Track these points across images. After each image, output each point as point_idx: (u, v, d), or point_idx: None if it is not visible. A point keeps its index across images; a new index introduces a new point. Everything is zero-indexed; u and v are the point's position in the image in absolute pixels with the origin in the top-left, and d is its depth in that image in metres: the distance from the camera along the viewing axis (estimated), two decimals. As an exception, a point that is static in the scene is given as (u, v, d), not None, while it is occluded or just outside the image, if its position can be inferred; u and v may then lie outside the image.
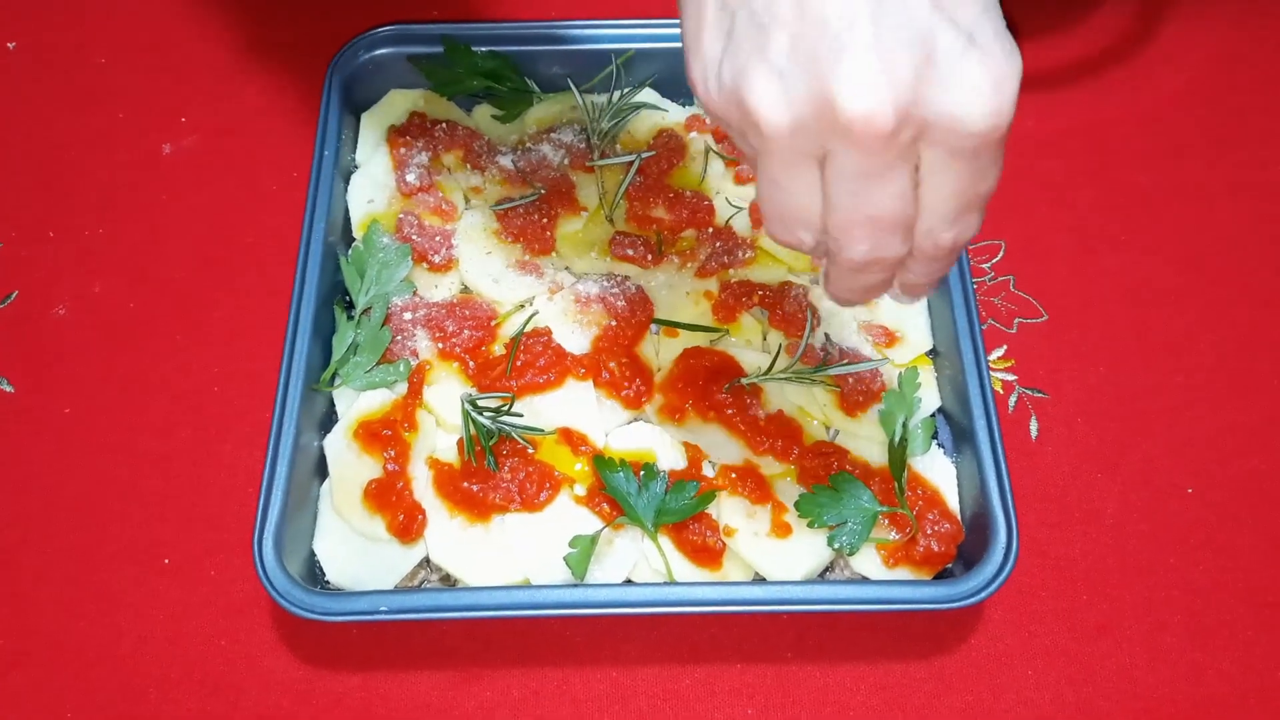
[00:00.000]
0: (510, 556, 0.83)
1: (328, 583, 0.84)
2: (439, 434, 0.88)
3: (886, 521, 0.83)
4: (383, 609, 0.78)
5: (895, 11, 0.49)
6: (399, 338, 0.91)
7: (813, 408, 0.89)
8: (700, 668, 0.84)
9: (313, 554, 0.85)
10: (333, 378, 0.90)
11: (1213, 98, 1.11)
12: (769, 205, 0.58)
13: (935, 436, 0.89)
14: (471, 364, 0.90)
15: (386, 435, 0.86)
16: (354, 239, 0.98)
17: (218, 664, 0.85)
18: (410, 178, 0.98)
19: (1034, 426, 0.94)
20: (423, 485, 0.85)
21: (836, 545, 0.82)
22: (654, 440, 0.87)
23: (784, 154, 0.54)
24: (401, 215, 0.96)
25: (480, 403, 0.86)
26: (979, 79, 0.50)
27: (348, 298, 0.94)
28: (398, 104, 1.04)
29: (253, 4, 1.17)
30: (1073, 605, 0.87)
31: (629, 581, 0.83)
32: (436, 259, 0.95)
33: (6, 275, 1.02)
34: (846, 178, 0.54)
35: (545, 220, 0.96)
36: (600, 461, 0.84)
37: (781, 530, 0.83)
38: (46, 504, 0.91)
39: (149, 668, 0.85)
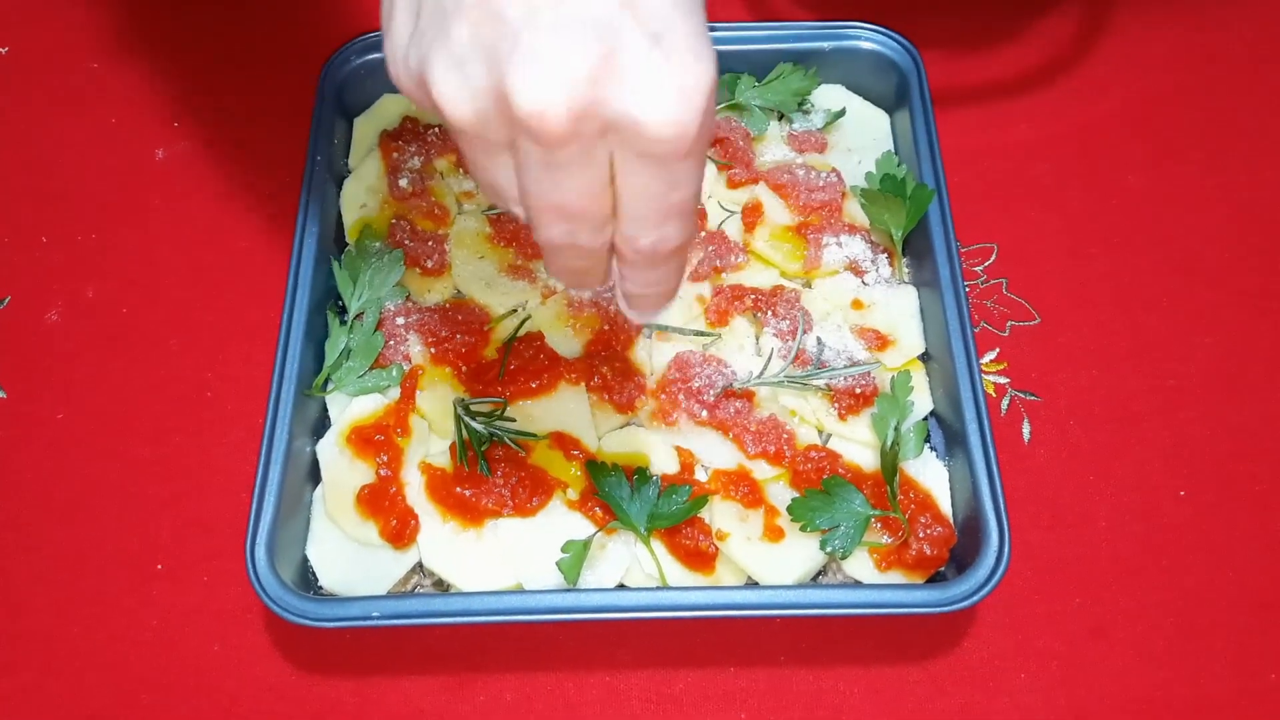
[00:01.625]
0: (503, 561, 0.83)
1: (321, 588, 0.84)
2: (432, 439, 0.88)
3: (879, 525, 0.83)
4: (375, 615, 0.78)
5: (576, 6, 0.47)
6: (392, 343, 0.91)
7: (805, 412, 0.89)
8: (693, 672, 0.84)
9: (306, 559, 0.85)
10: (325, 383, 0.90)
11: (1201, 101, 1.11)
12: (473, 176, 0.57)
13: (928, 440, 0.89)
14: (464, 369, 0.90)
15: (379, 440, 0.86)
16: (347, 244, 0.98)
17: (210, 669, 0.85)
18: (403, 183, 0.98)
19: (1026, 429, 0.94)
20: (415, 490, 0.85)
21: (829, 549, 0.82)
22: (647, 444, 0.87)
23: (473, 140, 0.53)
24: (394, 220, 0.96)
25: (473, 407, 0.86)
26: (660, 82, 0.48)
27: (340, 303, 0.94)
28: (390, 109, 1.04)
29: (245, 10, 1.17)
30: (1065, 608, 0.87)
31: (622, 586, 0.83)
32: (429, 264, 0.95)
33: (-1, 280, 1.02)
34: (532, 166, 0.52)
35: (538, 225, 0.96)
36: (593, 466, 0.84)
37: (774, 534, 0.83)
38: (39, 509, 0.91)
39: (142, 673, 0.85)
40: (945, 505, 0.86)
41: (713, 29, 1.04)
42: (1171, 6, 1.16)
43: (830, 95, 1.05)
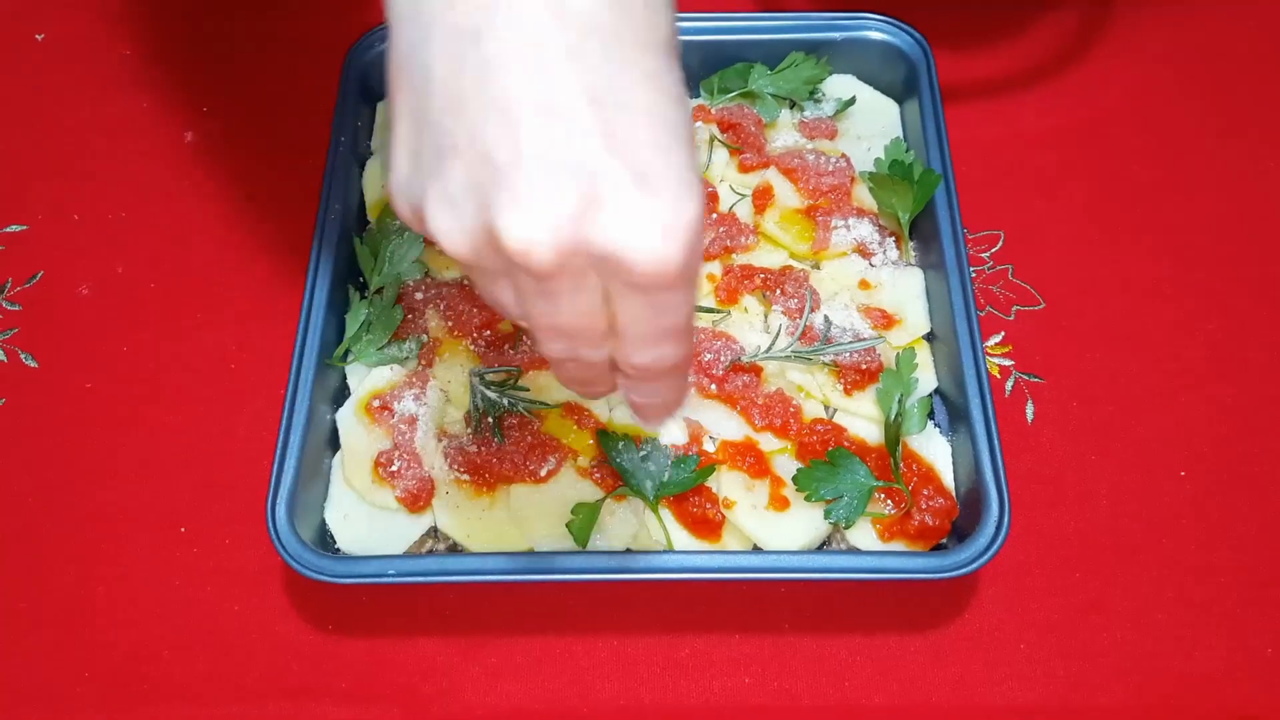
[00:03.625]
0: (515, 526, 0.85)
1: (338, 550, 0.86)
2: (448, 408, 0.91)
3: (882, 496, 0.85)
4: (390, 572, 0.80)
5: (562, 147, 0.49)
6: (410, 316, 0.94)
7: (811, 387, 0.91)
8: (699, 637, 0.86)
9: (324, 523, 0.87)
10: (345, 354, 0.93)
11: (1205, 92, 1.13)
12: (479, 292, 0.59)
13: (931, 417, 0.91)
14: (480, 341, 0.93)
15: (396, 409, 0.89)
16: (368, 222, 1.00)
17: (230, 628, 0.87)
18: (423, 163, 1.01)
19: (1030, 410, 0.96)
20: (431, 457, 0.88)
21: (833, 518, 0.84)
22: (656, 416, 0.89)
23: (473, 271, 0.55)
24: (414, 199, 0.99)
25: (488, 376, 0.89)
26: (645, 220, 0.49)
27: (361, 278, 0.97)
28: (412, 93, 1.07)
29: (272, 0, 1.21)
30: (1066, 582, 0.88)
31: (629, 551, 0.85)
32: (448, 241, 0.97)
33: (32, 256, 1.05)
34: (528, 294, 0.54)
35: (554, 205, 0.99)
36: (603, 435, 0.86)
37: (779, 503, 0.85)
38: (67, 474, 0.94)
39: (163, 631, 0.87)
40: (948, 478, 0.87)
41: (727, 18, 1.07)
42: (1178, 1, 1.18)
43: (841, 84, 1.08)
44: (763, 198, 1.00)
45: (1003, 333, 1.00)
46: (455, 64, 0.50)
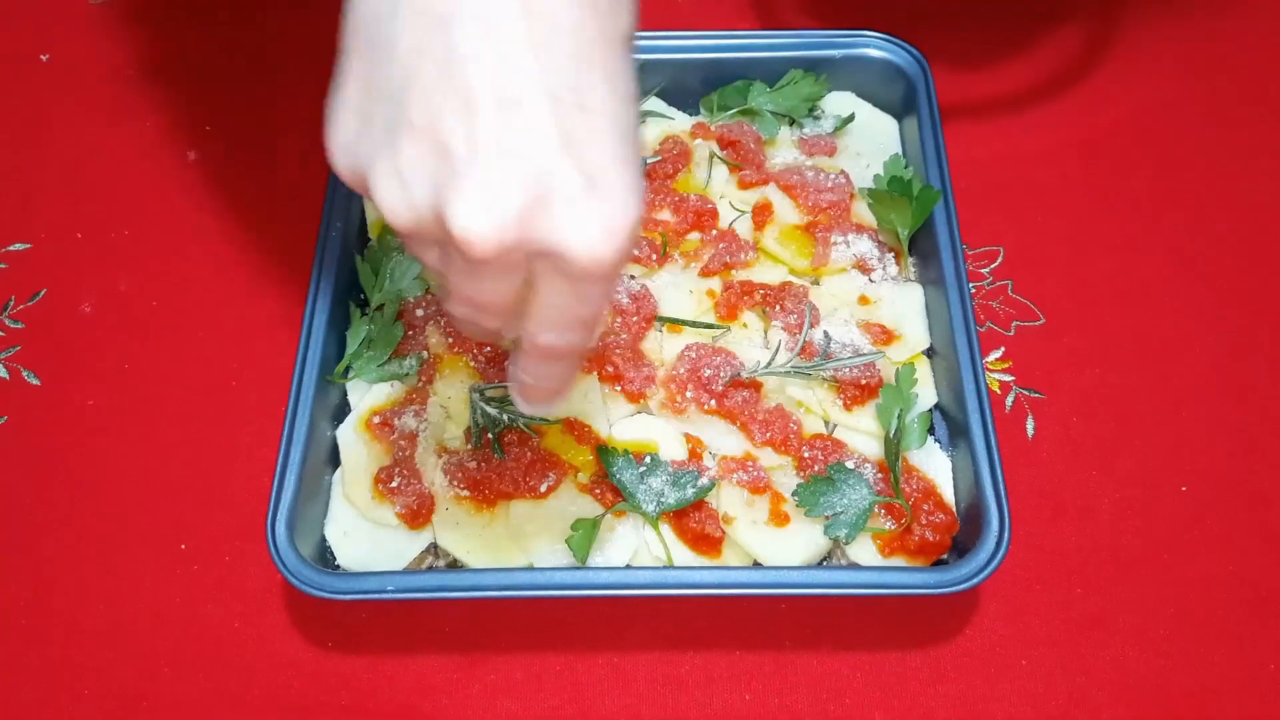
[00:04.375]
0: (515, 542, 0.85)
1: (338, 567, 0.86)
2: (448, 424, 0.91)
3: (883, 512, 0.85)
4: (390, 589, 0.80)
5: (518, 144, 0.51)
6: (410, 333, 0.94)
7: (811, 402, 0.91)
8: (699, 654, 0.86)
9: (324, 540, 0.87)
10: (346, 370, 0.93)
11: (1203, 110, 1.13)
12: (405, 247, 0.61)
13: (931, 432, 0.91)
14: (480, 358, 0.93)
15: (397, 425, 0.89)
16: (369, 240, 1.01)
17: (231, 645, 0.87)
18: (424, 181, 1.01)
19: (1030, 425, 0.96)
20: (431, 473, 0.88)
21: (833, 534, 0.84)
22: (656, 432, 0.89)
23: (406, 237, 0.57)
24: (415, 217, 0.99)
25: (488, 393, 0.89)
26: (589, 221, 0.51)
27: (362, 295, 0.97)
28: (414, 112, 1.08)
29: (275, 20, 1.22)
30: (1067, 598, 0.88)
31: (629, 567, 0.85)
32: (448, 258, 0.98)
33: (36, 273, 1.06)
34: (455, 267, 0.56)
35: (554, 222, 0.99)
36: (603, 450, 0.86)
37: (780, 519, 0.85)
38: (69, 491, 0.94)
39: (164, 648, 0.87)
40: (948, 494, 0.87)
41: (727, 36, 1.07)
42: (1174, 17, 1.19)
43: (840, 101, 1.08)
44: (762, 214, 1.00)
45: (1002, 348, 1.00)
46: (421, 45, 0.52)
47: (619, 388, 0.91)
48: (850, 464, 0.86)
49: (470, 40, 0.51)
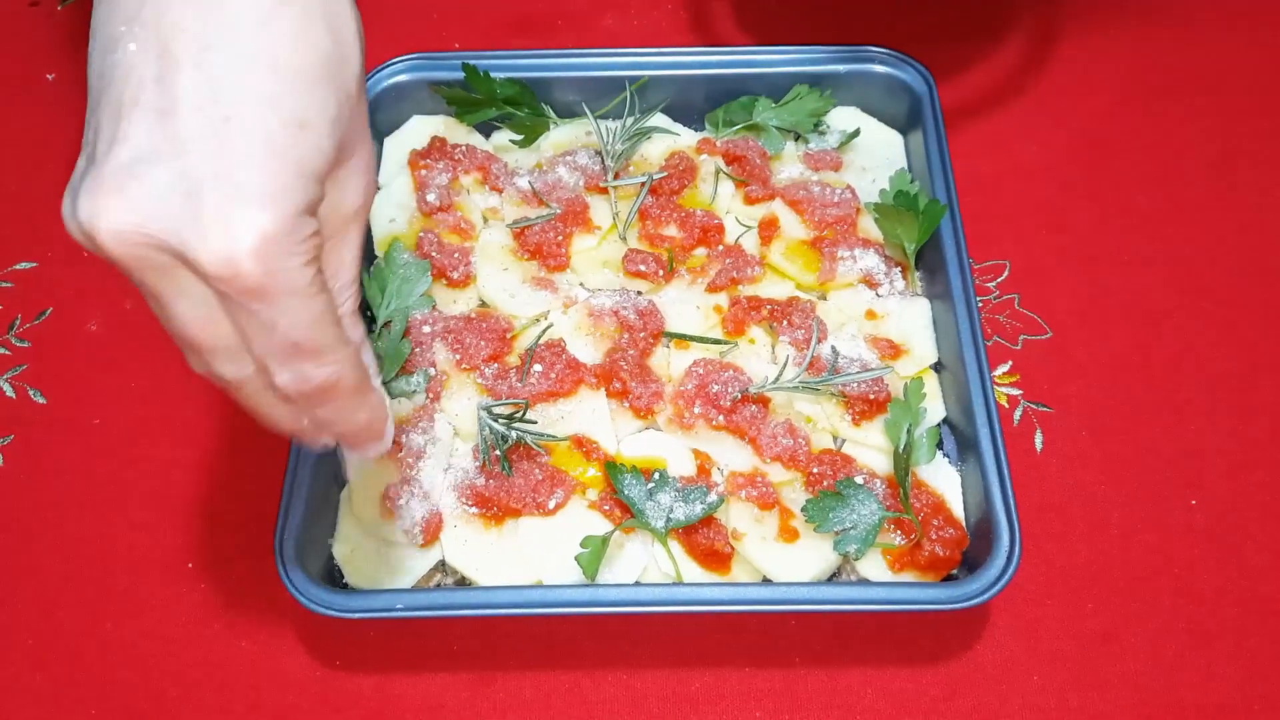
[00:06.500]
0: (523, 559, 0.85)
1: (346, 585, 0.86)
2: (456, 442, 0.91)
3: (892, 527, 0.85)
4: (399, 606, 0.80)
5: (150, 144, 0.51)
6: (418, 350, 0.94)
7: (820, 417, 0.91)
8: (709, 671, 0.86)
9: (332, 558, 0.87)
10: (353, 388, 0.92)
11: (1206, 123, 1.14)
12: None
13: (940, 447, 0.90)
14: (488, 375, 0.93)
15: (404, 442, 0.89)
16: (375, 257, 1.01)
17: (238, 664, 0.87)
18: (430, 198, 1.02)
19: (1039, 439, 0.96)
20: (439, 490, 0.88)
21: (843, 550, 0.83)
22: (665, 448, 0.89)
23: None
24: (422, 234, 1.00)
25: (495, 410, 0.89)
26: (212, 220, 0.51)
27: (369, 312, 0.97)
28: (420, 129, 1.08)
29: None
30: (1078, 612, 0.88)
31: (638, 584, 0.85)
32: (455, 275, 0.98)
33: (42, 293, 1.06)
34: (146, 296, 0.56)
35: (560, 238, 0.99)
36: (612, 467, 0.86)
37: (789, 535, 0.85)
38: (75, 510, 0.94)
39: (171, 668, 0.87)
40: (958, 508, 0.87)
41: (732, 52, 1.08)
42: (1178, 32, 1.19)
43: (845, 117, 1.09)
44: (769, 229, 1.00)
45: (1010, 362, 1.00)
46: (98, 69, 0.54)
47: (627, 404, 0.91)
48: (859, 479, 0.86)
49: (132, 55, 0.53)
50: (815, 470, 0.88)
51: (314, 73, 0.55)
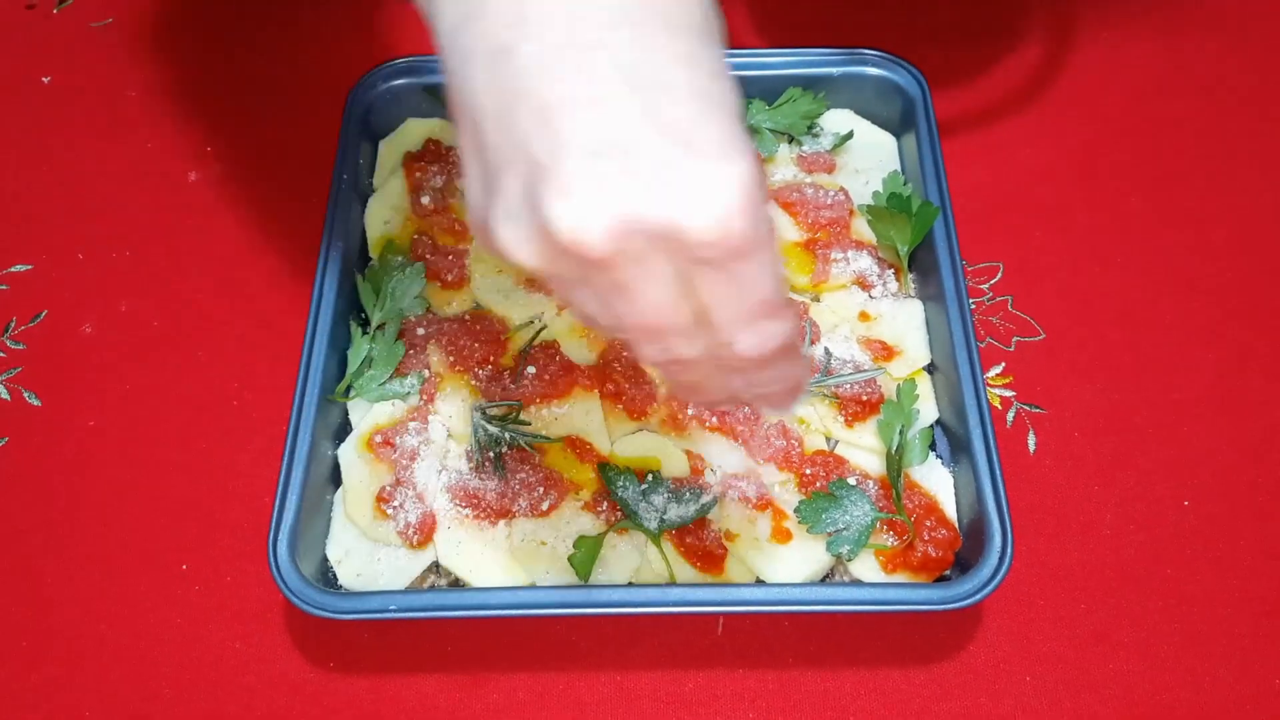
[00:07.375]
0: (517, 561, 0.85)
1: (340, 586, 0.86)
2: (450, 444, 0.91)
3: (885, 529, 0.85)
4: (392, 608, 0.80)
5: (600, 131, 0.49)
6: (412, 352, 0.94)
7: (813, 419, 0.91)
8: (703, 672, 0.86)
9: (325, 560, 0.87)
10: (347, 389, 0.93)
11: (1201, 125, 1.14)
12: (572, 312, 0.58)
13: (933, 448, 0.91)
14: (482, 376, 0.93)
15: (398, 444, 0.89)
16: (370, 259, 1.01)
17: (232, 666, 0.87)
18: (425, 200, 1.02)
19: (1032, 441, 0.96)
20: (433, 492, 0.88)
21: (835, 550, 0.84)
22: (658, 449, 0.89)
23: (555, 284, 0.55)
24: (416, 236, 1.00)
25: (489, 411, 0.89)
26: (692, 185, 0.48)
27: (363, 315, 0.97)
28: (414, 131, 1.09)
29: (275, 40, 1.22)
30: (1071, 613, 0.88)
31: (632, 585, 0.85)
32: (449, 277, 0.98)
33: (37, 295, 1.06)
34: (604, 291, 0.53)
35: (554, 240, 0.99)
36: (605, 468, 0.86)
37: (782, 536, 0.85)
38: (70, 511, 0.94)
39: (165, 669, 0.87)
40: (950, 510, 0.87)
41: (726, 55, 1.07)
42: (1172, 35, 1.20)
43: (838, 119, 1.09)
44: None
45: (1003, 363, 1.00)
46: (495, 84, 0.51)
47: (620, 405, 0.91)
48: (852, 480, 0.86)
49: (533, 57, 0.50)
50: (808, 471, 0.88)
51: (705, 26, 0.53)
